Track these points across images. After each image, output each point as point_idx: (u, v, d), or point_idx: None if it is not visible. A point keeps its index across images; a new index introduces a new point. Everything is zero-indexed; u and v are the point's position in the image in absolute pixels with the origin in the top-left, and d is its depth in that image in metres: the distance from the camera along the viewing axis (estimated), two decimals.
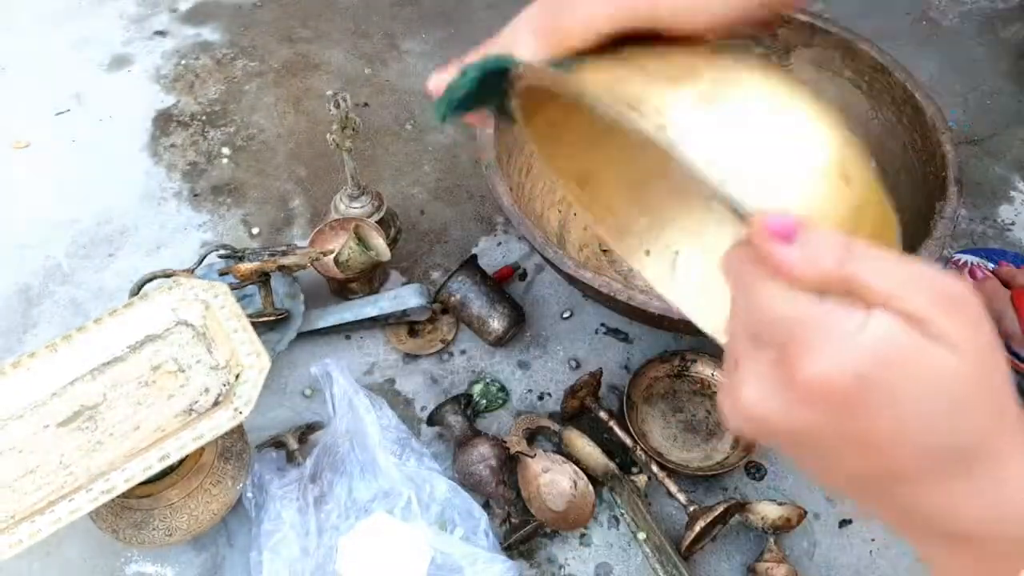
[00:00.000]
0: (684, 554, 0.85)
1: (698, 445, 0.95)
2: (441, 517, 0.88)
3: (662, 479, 0.89)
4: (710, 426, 0.96)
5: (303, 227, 1.18)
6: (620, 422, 0.93)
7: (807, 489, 0.92)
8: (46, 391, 0.75)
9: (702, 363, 0.98)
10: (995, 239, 1.17)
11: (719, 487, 0.93)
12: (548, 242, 0.87)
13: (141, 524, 0.80)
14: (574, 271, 0.83)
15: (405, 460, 0.91)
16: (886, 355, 0.29)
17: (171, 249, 1.15)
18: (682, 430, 0.95)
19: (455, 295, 1.00)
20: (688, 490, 0.90)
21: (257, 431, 0.94)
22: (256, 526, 0.83)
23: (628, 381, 0.96)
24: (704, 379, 0.98)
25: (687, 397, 0.97)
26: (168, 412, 0.73)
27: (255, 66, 1.41)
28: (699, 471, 0.91)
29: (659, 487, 0.90)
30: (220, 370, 0.76)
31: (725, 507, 0.84)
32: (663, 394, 0.98)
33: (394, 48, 1.45)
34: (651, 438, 0.94)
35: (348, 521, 0.85)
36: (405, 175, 1.25)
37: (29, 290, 1.11)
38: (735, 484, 0.93)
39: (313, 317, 1.02)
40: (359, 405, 0.91)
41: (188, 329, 0.79)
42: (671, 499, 0.89)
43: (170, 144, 1.29)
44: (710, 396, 0.96)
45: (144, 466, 0.68)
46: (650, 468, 0.90)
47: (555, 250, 0.85)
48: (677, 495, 0.88)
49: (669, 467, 0.90)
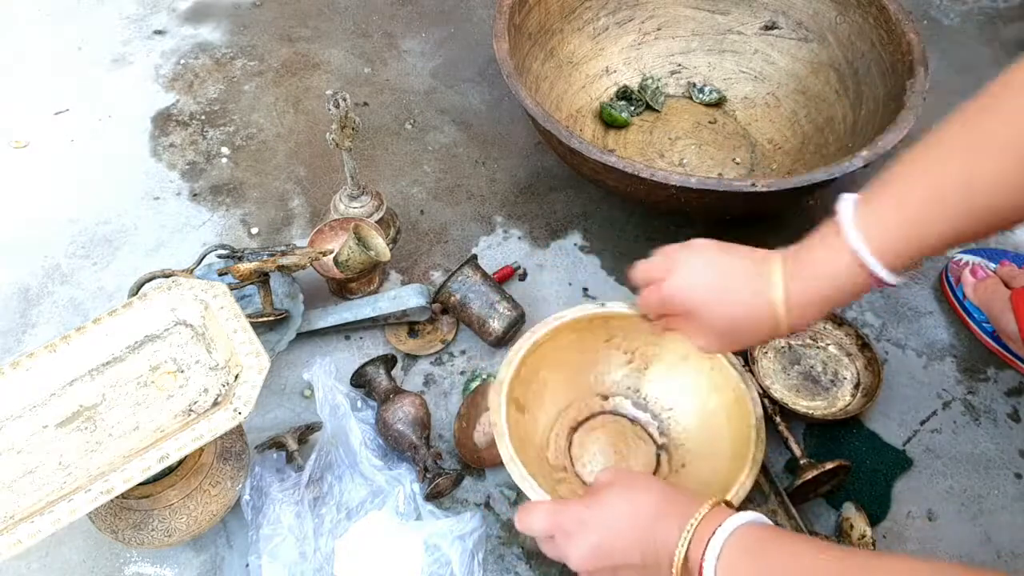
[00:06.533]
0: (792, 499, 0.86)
1: (820, 394, 0.98)
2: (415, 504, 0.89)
3: (783, 429, 0.92)
4: (829, 375, 1.00)
5: (303, 227, 1.18)
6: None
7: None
8: (45, 391, 0.74)
9: None
10: (996, 239, 1.17)
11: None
12: (573, 133, 0.97)
13: (140, 525, 0.80)
14: (600, 156, 0.95)
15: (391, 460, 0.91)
16: (579, 553, 0.64)
17: (170, 249, 1.15)
18: (802, 379, 0.99)
19: (455, 295, 1.00)
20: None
21: (256, 431, 0.94)
22: (254, 530, 0.83)
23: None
24: (816, 332, 1.03)
25: (802, 350, 1.02)
26: (167, 412, 0.73)
27: (254, 66, 1.41)
28: (825, 418, 0.95)
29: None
30: (219, 370, 0.76)
31: (836, 464, 0.86)
32: (780, 349, 1.02)
33: (394, 47, 1.45)
34: (775, 390, 0.98)
35: (344, 523, 0.85)
36: (405, 175, 1.25)
37: (28, 290, 1.11)
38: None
39: (313, 317, 1.02)
40: (341, 405, 0.91)
41: (187, 329, 0.78)
42: (788, 450, 0.91)
43: (169, 144, 1.29)
44: (823, 348, 1.02)
45: (143, 467, 0.68)
46: (774, 418, 0.92)
47: (580, 140, 0.96)
48: (793, 447, 0.90)
49: (799, 414, 0.94)
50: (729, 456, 0.80)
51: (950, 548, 0.88)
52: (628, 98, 1.28)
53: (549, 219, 1.18)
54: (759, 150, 1.24)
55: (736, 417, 0.82)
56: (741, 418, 0.81)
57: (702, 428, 0.86)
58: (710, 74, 1.31)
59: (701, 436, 0.86)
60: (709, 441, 0.84)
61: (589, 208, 1.20)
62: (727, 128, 1.27)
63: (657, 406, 0.88)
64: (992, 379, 1.02)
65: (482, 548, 0.84)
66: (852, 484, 0.92)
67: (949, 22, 1.50)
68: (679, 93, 1.32)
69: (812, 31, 1.23)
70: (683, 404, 0.88)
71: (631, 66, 1.31)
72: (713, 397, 0.85)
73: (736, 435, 0.81)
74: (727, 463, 0.79)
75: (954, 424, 0.98)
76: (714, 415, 0.85)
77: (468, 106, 1.35)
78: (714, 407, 0.85)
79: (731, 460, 0.80)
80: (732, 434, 0.82)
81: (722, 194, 0.94)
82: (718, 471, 0.81)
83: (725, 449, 0.82)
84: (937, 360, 1.04)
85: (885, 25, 1.11)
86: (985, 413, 0.99)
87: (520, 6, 1.14)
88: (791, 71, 1.26)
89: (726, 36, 1.30)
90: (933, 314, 1.08)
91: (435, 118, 1.33)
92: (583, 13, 1.27)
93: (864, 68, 1.15)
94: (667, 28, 1.31)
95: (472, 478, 0.93)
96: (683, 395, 0.87)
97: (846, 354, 1.01)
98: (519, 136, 1.30)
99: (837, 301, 0.63)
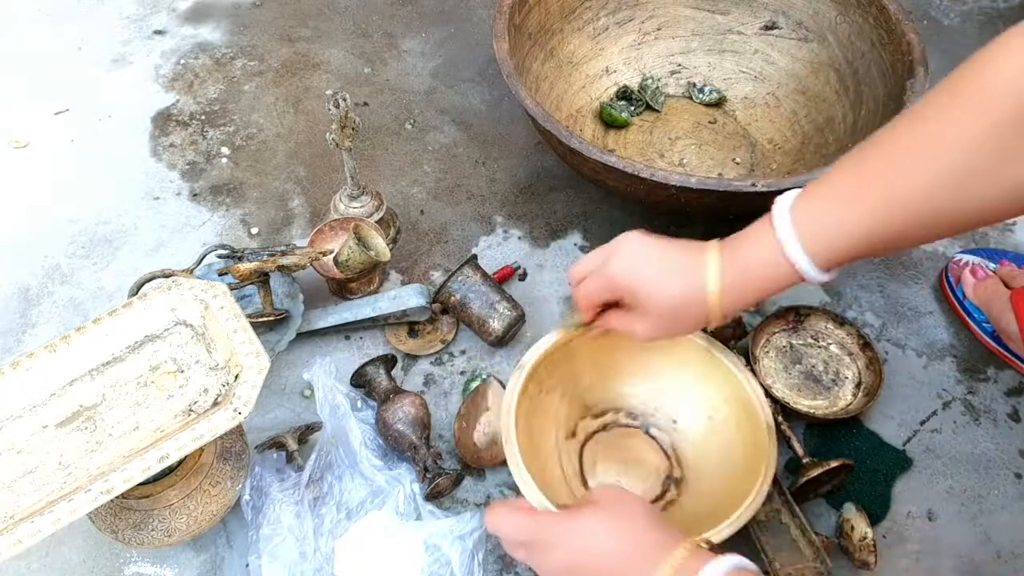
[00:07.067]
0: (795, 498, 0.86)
1: (821, 393, 0.99)
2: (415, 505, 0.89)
3: (785, 429, 0.92)
4: (831, 374, 0.99)
5: (302, 227, 1.18)
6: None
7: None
8: (45, 391, 0.74)
9: (815, 317, 1.03)
10: (996, 239, 1.17)
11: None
12: (573, 133, 0.97)
13: (140, 525, 0.80)
14: (600, 156, 0.94)
15: (391, 460, 0.91)
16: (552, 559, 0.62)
17: (170, 249, 1.15)
18: (804, 379, 1.00)
19: (455, 295, 1.00)
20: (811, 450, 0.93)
21: (256, 431, 0.94)
22: (254, 530, 0.83)
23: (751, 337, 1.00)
24: (817, 332, 1.03)
25: (804, 350, 1.02)
26: (167, 412, 0.73)
27: (254, 65, 1.41)
28: (827, 417, 0.95)
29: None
30: (219, 370, 0.76)
31: (839, 463, 0.87)
32: (781, 348, 1.02)
33: (394, 47, 1.45)
34: (776, 389, 0.98)
35: (344, 523, 0.85)
36: (405, 175, 1.25)
37: (28, 290, 1.11)
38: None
39: (313, 317, 1.02)
40: (341, 405, 0.91)
41: (187, 329, 0.78)
42: (789, 449, 0.91)
43: (169, 144, 1.29)
44: (825, 347, 1.02)
45: (143, 467, 0.68)
46: (776, 418, 0.92)
47: (580, 140, 0.96)
48: (795, 446, 0.90)
49: (801, 413, 0.94)
50: (742, 466, 0.80)
51: (950, 548, 0.88)
52: (628, 98, 1.28)
53: (549, 219, 1.18)
54: (759, 150, 1.24)
55: (746, 427, 0.82)
56: (751, 427, 0.81)
57: (711, 440, 0.86)
58: (710, 74, 1.31)
59: (711, 448, 0.86)
60: (719, 452, 0.85)
61: (589, 208, 1.20)
62: (727, 128, 1.27)
63: (681, 432, 0.89)
64: (992, 379, 1.02)
65: (482, 548, 0.84)
66: (852, 484, 0.92)
67: (949, 22, 1.50)
68: (679, 93, 1.32)
69: (812, 31, 1.23)
70: (691, 415, 0.88)
71: (631, 66, 1.31)
72: (722, 408, 0.85)
73: (747, 443, 0.81)
74: (739, 473, 0.79)
75: (954, 424, 0.98)
76: (723, 425, 0.85)
77: (468, 106, 1.35)
78: (723, 417, 0.85)
79: (744, 470, 0.79)
80: (743, 442, 0.82)
81: (722, 194, 0.94)
82: (729, 481, 0.81)
83: (737, 459, 0.82)
84: (937, 360, 1.04)
85: (885, 25, 1.11)
86: (985, 413, 0.99)
87: (520, 6, 1.14)
88: (791, 71, 1.26)
89: (726, 36, 1.30)
90: (933, 314, 1.08)
91: (435, 118, 1.33)
92: (583, 13, 1.27)
93: (864, 68, 1.15)
94: (667, 28, 1.31)
95: (472, 478, 0.92)
96: (691, 407, 0.88)
97: (847, 353, 1.01)
98: (519, 136, 1.29)
99: (767, 291, 0.65)
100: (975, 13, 1.51)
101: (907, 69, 1.04)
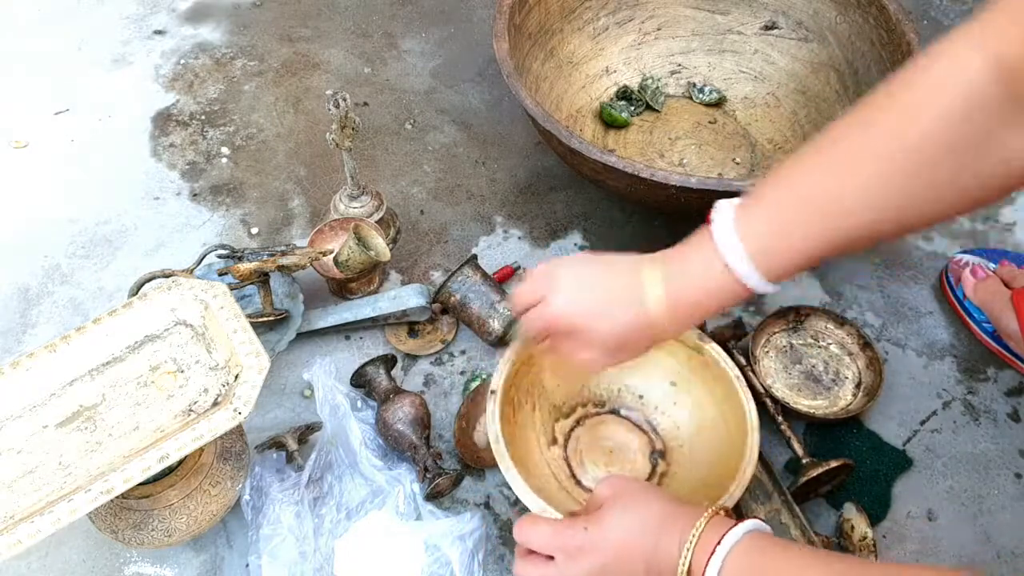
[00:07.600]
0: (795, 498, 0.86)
1: (821, 393, 0.99)
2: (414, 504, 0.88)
3: (785, 429, 0.92)
4: (831, 374, 1.00)
5: (302, 227, 1.18)
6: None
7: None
8: (45, 392, 0.74)
9: (815, 317, 1.03)
10: (996, 239, 1.17)
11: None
12: (573, 133, 0.97)
13: (140, 525, 0.80)
14: (600, 156, 0.94)
15: (391, 460, 0.91)
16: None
17: (170, 249, 1.15)
18: (804, 379, 1.00)
19: (455, 295, 1.00)
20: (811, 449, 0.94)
21: (256, 431, 0.94)
22: (254, 530, 0.83)
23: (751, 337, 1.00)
24: (817, 331, 1.03)
25: (804, 350, 1.02)
26: (167, 412, 0.73)
27: (254, 65, 1.41)
28: (827, 417, 0.95)
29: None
30: (219, 370, 0.76)
31: (840, 463, 0.87)
32: (781, 348, 1.02)
33: (394, 47, 1.45)
34: (776, 389, 0.98)
35: (344, 523, 0.85)
36: (405, 175, 1.25)
37: (28, 290, 1.11)
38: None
39: (313, 317, 1.02)
40: (341, 405, 0.91)
41: (187, 329, 0.78)
42: (789, 449, 0.91)
43: (169, 144, 1.29)
44: (825, 347, 1.02)
45: (143, 467, 0.68)
46: (775, 419, 0.92)
47: (580, 140, 0.96)
48: (795, 446, 0.90)
49: (801, 413, 0.94)
50: (720, 420, 0.81)
51: (950, 548, 0.88)
52: (628, 98, 1.28)
53: (549, 219, 1.18)
54: (759, 150, 1.24)
55: (713, 381, 0.83)
56: (716, 377, 0.82)
57: (696, 425, 0.86)
58: (710, 74, 1.31)
59: (682, 412, 0.86)
60: (691, 413, 0.85)
61: (589, 208, 1.20)
62: (727, 128, 1.27)
63: (649, 405, 0.89)
64: (992, 379, 1.02)
65: (482, 548, 0.84)
66: (852, 484, 0.92)
67: (949, 22, 1.50)
68: (679, 93, 1.32)
69: (812, 31, 1.23)
70: (654, 386, 0.88)
71: (631, 66, 1.31)
72: (682, 370, 0.86)
73: (719, 397, 0.82)
74: (724, 456, 0.79)
75: (954, 424, 0.98)
76: (688, 385, 0.86)
77: (468, 106, 1.35)
78: (685, 378, 0.86)
79: (725, 423, 0.80)
80: (715, 399, 0.83)
81: (722, 194, 0.93)
82: (712, 439, 0.82)
83: (713, 415, 0.82)
84: (937, 360, 1.04)
85: (885, 25, 1.11)
86: (985, 413, 0.99)
87: (520, 6, 1.14)
88: (791, 71, 1.26)
89: (726, 36, 1.30)
90: (933, 314, 1.08)
91: (435, 118, 1.33)
92: (583, 13, 1.27)
93: (864, 68, 1.15)
94: (667, 28, 1.31)
95: (472, 478, 0.93)
96: (652, 379, 0.88)
97: (847, 353, 1.01)
98: (519, 136, 1.30)
99: (710, 307, 0.63)
100: (976, 13, 1.51)
101: None
